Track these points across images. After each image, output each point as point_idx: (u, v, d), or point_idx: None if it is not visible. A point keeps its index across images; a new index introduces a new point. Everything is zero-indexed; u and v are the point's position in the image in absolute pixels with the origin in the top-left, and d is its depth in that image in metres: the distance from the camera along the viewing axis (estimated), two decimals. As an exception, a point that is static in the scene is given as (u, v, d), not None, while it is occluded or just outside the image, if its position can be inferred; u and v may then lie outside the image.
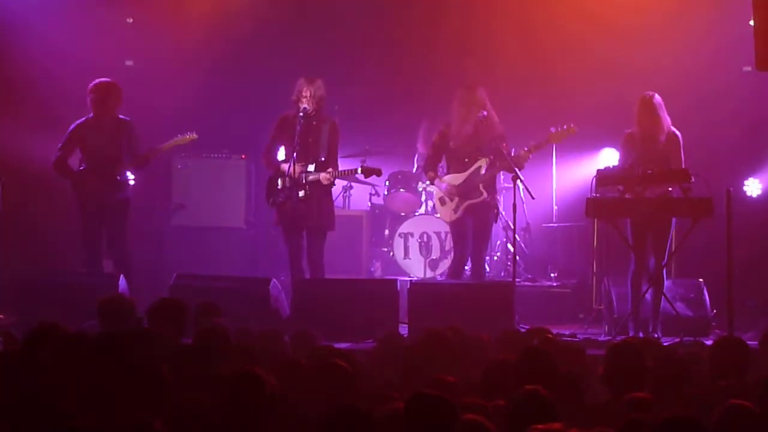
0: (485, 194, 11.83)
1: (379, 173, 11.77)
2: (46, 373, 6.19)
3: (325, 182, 11.52)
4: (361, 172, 11.65)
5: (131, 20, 14.61)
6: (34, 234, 13.74)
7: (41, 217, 13.80)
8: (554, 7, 14.58)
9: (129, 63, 14.68)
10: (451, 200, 11.97)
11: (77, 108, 12.51)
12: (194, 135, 12.23)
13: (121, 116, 12.02)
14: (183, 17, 14.47)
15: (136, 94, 12.47)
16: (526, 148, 11.72)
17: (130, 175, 12.10)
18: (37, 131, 13.38)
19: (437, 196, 12.18)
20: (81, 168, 12.00)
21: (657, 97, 11.25)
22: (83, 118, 12.01)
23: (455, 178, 11.96)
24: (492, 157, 11.76)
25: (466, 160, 11.92)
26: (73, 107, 13.06)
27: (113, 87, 11.97)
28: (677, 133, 11.27)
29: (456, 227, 12.06)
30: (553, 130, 11.79)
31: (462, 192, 11.89)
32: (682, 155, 11.21)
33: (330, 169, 11.48)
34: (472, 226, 11.92)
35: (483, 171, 11.86)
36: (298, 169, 11.44)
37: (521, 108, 13.70)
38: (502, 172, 12.24)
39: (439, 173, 12.10)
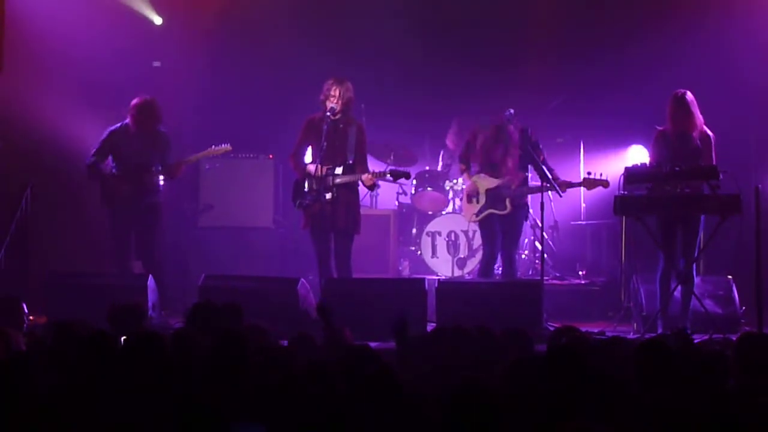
0: (509, 209, 11.83)
1: (407, 176, 11.73)
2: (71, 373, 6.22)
3: (368, 183, 11.51)
4: (390, 176, 11.62)
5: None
6: (64, 235, 13.79)
7: (72, 218, 13.85)
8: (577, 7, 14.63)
9: (156, 64, 14.73)
10: (477, 202, 11.97)
11: (105, 110, 12.58)
12: (228, 147, 12.26)
13: (159, 128, 12.09)
14: (210, 19, 14.52)
15: (163, 94, 12.50)
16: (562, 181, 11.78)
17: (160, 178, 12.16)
18: (65, 133, 13.44)
19: (466, 192, 12.18)
20: (112, 172, 12.05)
21: (689, 94, 11.19)
22: (118, 125, 12.06)
23: (487, 182, 11.95)
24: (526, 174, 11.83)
25: (498, 167, 11.92)
26: (101, 109, 13.14)
27: (155, 106, 12.03)
28: (710, 133, 11.21)
29: (485, 226, 12.04)
30: (587, 176, 11.82)
31: (490, 198, 11.89)
32: (714, 155, 11.15)
33: (373, 170, 11.50)
34: (501, 224, 11.91)
35: (513, 186, 11.85)
36: (324, 171, 11.44)
37: (546, 106, 13.70)
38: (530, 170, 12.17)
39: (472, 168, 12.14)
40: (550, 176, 11.55)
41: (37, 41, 13.62)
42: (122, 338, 6.99)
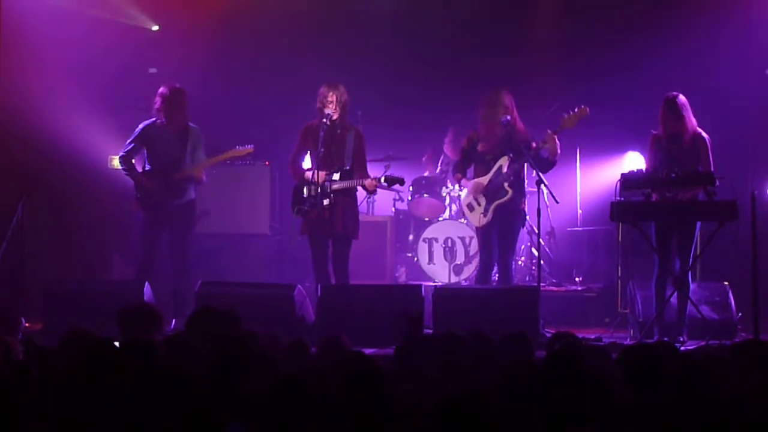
0: (511, 192, 11.79)
1: (401, 182, 11.75)
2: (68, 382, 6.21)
3: (371, 188, 11.56)
4: (384, 182, 11.61)
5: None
6: (61, 243, 13.77)
7: (67, 226, 13.84)
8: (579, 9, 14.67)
9: (152, 71, 14.75)
10: (479, 204, 11.97)
11: (101, 118, 12.56)
12: (251, 148, 12.26)
13: (190, 123, 12.13)
14: (206, 26, 14.53)
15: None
16: (549, 131, 11.66)
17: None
18: (61, 141, 13.44)
19: (465, 202, 12.17)
20: (146, 169, 12.09)
21: (681, 97, 11.19)
22: (151, 120, 12.09)
23: (481, 181, 11.97)
24: (512, 155, 11.75)
25: (491, 162, 11.92)
26: (97, 117, 13.12)
27: (184, 94, 12.06)
28: (704, 134, 11.20)
29: (482, 233, 12.04)
30: (565, 115, 11.73)
31: (488, 193, 11.88)
32: (711, 157, 11.14)
33: (374, 176, 11.53)
34: (498, 231, 11.90)
35: (505, 169, 11.84)
36: (322, 177, 11.44)
37: (543, 113, 13.71)
38: (526, 174, 12.08)
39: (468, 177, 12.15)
40: (538, 169, 11.53)
41: (33, 50, 13.61)
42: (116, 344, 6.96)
